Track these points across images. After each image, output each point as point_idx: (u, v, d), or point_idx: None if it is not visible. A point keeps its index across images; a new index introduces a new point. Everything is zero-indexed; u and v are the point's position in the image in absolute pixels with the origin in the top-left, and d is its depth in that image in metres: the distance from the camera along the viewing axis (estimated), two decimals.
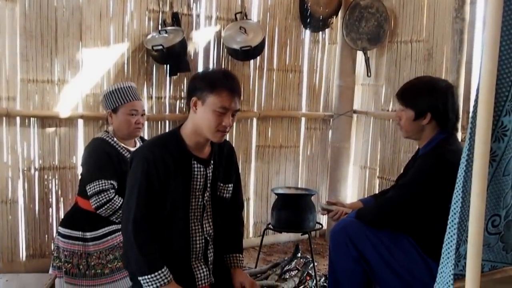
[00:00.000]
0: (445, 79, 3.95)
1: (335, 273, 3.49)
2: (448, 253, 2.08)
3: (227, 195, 3.15)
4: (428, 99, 3.32)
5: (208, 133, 2.89)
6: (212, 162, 3.04)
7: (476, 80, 2.03)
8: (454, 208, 2.02)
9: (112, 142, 4.01)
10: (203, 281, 2.98)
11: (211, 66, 5.29)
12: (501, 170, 2.05)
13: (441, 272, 2.13)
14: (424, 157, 3.35)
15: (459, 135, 3.74)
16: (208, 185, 3.02)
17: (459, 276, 2.11)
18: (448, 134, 3.35)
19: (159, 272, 2.77)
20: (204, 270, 3.00)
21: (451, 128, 3.37)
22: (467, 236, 2.00)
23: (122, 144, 4.04)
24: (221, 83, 2.84)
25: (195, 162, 2.95)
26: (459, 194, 2.00)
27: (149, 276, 2.76)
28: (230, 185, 3.16)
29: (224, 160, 3.12)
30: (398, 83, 5.33)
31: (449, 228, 2.06)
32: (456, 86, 4.22)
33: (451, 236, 2.06)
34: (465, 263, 2.03)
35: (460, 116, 3.55)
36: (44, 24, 4.45)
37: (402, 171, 3.82)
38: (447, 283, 2.10)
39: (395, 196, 3.39)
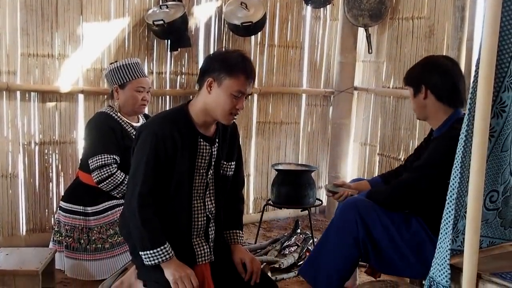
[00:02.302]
0: (449, 56, 3.91)
1: (327, 243, 3.48)
2: (446, 228, 2.09)
3: (229, 173, 3.14)
4: (420, 73, 3.39)
5: (220, 115, 2.89)
6: (217, 140, 3.03)
7: (476, 57, 2.02)
8: (453, 184, 2.03)
9: (116, 117, 4.01)
10: (203, 258, 2.98)
11: (212, 42, 5.28)
12: (500, 146, 2.05)
13: (439, 248, 2.14)
14: (439, 139, 3.33)
15: None
16: (213, 163, 3.02)
17: (457, 252, 2.12)
18: (462, 115, 3.31)
19: (161, 248, 2.78)
20: (205, 247, 3.00)
21: (453, 103, 3.33)
22: (465, 212, 2.01)
23: (126, 119, 4.04)
24: (239, 67, 2.83)
25: (201, 140, 2.95)
26: (457, 170, 2.00)
27: (151, 252, 2.77)
28: (232, 163, 3.15)
29: (228, 138, 3.11)
30: (399, 60, 5.33)
31: (448, 204, 2.07)
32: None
33: (449, 212, 2.06)
34: (463, 238, 2.04)
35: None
36: None
37: (413, 152, 3.77)
38: (444, 257, 2.11)
39: (410, 179, 3.35)
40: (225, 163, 3.09)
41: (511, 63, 2.02)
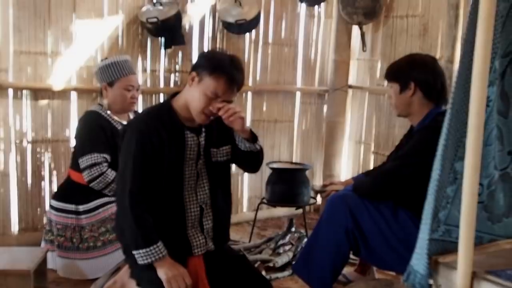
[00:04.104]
0: (427, 53, 3.92)
1: (318, 237, 3.48)
2: (426, 219, 2.12)
3: (223, 158, 3.10)
4: (409, 70, 3.41)
5: (193, 112, 2.88)
6: (203, 129, 3.01)
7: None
8: (433, 176, 2.06)
9: (106, 116, 4.00)
10: (199, 249, 2.97)
11: (206, 40, 5.27)
12: (485, 140, 2.07)
13: (420, 238, 2.17)
14: (421, 131, 3.36)
15: None
16: (201, 153, 2.99)
17: (440, 241, 2.14)
18: (443, 109, 3.35)
19: (154, 246, 2.76)
20: (200, 238, 2.98)
21: (438, 99, 3.39)
22: (447, 203, 2.06)
23: (116, 118, 4.03)
24: (223, 69, 2.80)
25: (187, 132, 2.93)
26: (439, 161, 2.03)
27: (144, 250, 2.75)
28: (225, 147, 3.10)
29: (215, 124, 3.03)
30: (394, 58, 5.28)
31: (429, 195, 2.10)
32: (451, 61, 4.24)
33: (429, 202, 2.09)
34: (445, 228, 2.11)
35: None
36: None
37: (394, 149, 3.81)
38: (423, 247, 2.13)
39: (392, 167, 3.40)
40: (215, 149, 3.05)
41: (495, 59, 2.05)
